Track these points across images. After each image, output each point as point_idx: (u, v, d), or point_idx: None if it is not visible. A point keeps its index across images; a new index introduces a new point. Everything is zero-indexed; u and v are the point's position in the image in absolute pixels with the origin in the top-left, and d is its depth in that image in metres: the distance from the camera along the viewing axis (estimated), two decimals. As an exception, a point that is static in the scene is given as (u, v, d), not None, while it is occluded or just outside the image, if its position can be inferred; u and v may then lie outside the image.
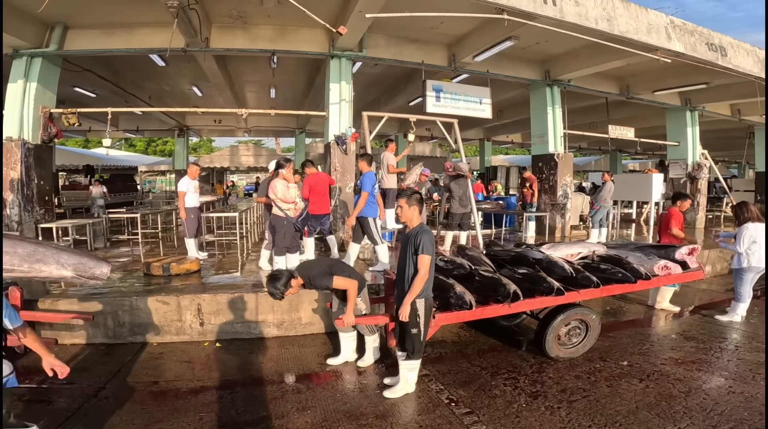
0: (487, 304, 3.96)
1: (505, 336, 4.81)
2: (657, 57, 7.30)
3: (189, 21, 6.21)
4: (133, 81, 11.08)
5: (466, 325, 5.14)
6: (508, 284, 3.87)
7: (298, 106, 13.80)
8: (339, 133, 7.82)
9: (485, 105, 9.50)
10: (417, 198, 3.45)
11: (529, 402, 3.42)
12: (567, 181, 9.59)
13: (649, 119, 14.20)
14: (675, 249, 4.74)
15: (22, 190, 6.68)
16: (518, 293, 3.83)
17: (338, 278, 3.72)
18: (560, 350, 4.20)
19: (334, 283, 3.70)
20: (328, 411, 3.28)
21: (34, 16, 6.70)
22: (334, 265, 3.94)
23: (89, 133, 15.06)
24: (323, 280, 3.71)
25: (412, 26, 7.90)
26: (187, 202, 6.75)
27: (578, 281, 4.12)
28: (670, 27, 7.33)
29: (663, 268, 4.48)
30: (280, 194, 5.08)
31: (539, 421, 3.13)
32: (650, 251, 4.85)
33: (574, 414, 3.23)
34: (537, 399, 3.47)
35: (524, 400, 3.46)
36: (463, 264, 4.35)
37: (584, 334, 4.30)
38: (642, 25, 6.99)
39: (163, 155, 30.87)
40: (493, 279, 4.08)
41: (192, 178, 6.93)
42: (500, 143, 22.39)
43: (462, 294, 3.79)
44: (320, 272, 3.74)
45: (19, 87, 6.93)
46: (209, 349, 4.56)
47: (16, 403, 3.24)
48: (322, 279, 3.71)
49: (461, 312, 3.80)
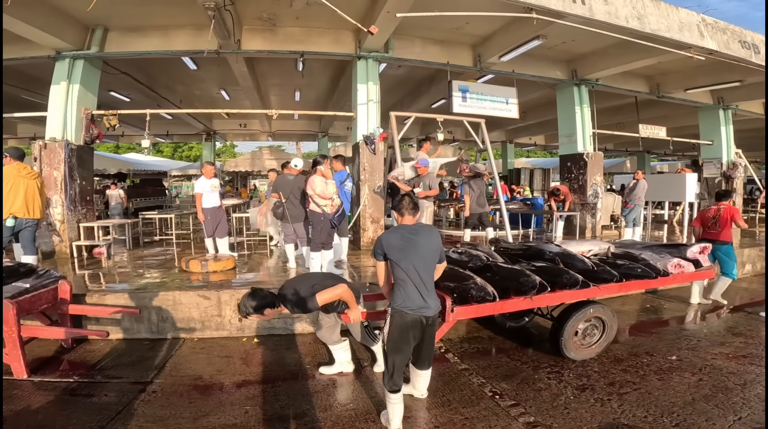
0: (507, 298, 3.69)
1: (517, 337, 4.68)
2: (691, 54, 7.23)
3: (223, 22, 6.36)
4: (166, 84, 11.38)
5: (480, 326, 5.05)
6: (531, 275, 3.67)
7: (321, 109, 13.96)
8: (367, 133, 7.88)
9: (512, 105, 9.44)
10: (407, 205, 3.02)
11: (576, 394, 3.38)
12: (597, 181, 9.44)
13: (680, 119, 13.89)
14: (687, 247, 4.59)
15: (66, 189, 6.89)
16: (544, 284, 3.62)
17: (322, 294, 3.28)
18: (579, 350, 4.03)
19: (319, 302, 3.26)
20: (370, 403, 3.29)
21: (75, 18, 6.92)
22: (317, 283, 3.43)
23: (122, 137, 15.49)
24: (309, 305, 3.27)
25: (437, 27, 7.95)
26: (206, 203, 6.58)
27: (598, 275, 3.94)
28: (702, 25, 7.29)
29: (676, 267, 4.33)
30: (318, 190, 5.11)
31: (590, 413, 3.10)
32: (660, 250, 4.67)
33: (626, 405, 3.19)
34: (584, 392, 3.42)
35: (571, 392, 3.41)
36: (480, 255, 4.19)
37: (601, 332, 4.12)
38: (674, 23, 6.97)
39: (189, 160, 31.58)
40: (515, 270, 3.88)
41: (208, 178, 6.69)
42: (522, 145, 22.16)
43: (483, 285, 3.53)
44: (303, 298, 3.29)
45: (62, 89, 7.13)
46: (248, 345, 4.61)
47: (68, 399, 3.35)
48: (307, 304, 3.27)
49: (481, 305, 3.52)
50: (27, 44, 6.94)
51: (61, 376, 3.79)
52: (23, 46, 7.05)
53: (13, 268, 4.12)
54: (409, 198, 3.05)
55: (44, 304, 4.03)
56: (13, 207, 5.16)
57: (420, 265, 2.84)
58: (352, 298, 3.44)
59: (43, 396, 3.40)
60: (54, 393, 3.46)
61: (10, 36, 6.55)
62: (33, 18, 6.12)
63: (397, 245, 2.88)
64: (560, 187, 9.43)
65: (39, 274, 4.18)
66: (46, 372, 3.85)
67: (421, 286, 2.84)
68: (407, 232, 2.92)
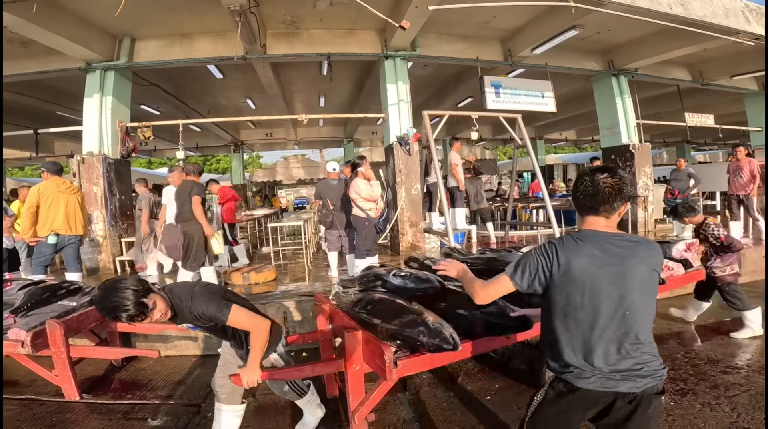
0: (471, 337, 2.67)
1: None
2: (739, 40, 6.99)
3: (249, 26, 6.28)
4: (193, 95, 11.45)
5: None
6: (506, 307, 2.72)
7: (346, 113, 13.90)
8: (400, 134, 7.66)
9: (548, 98, 9.10)
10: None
11: (677, 400, 3.09)
12: (647, 173, 9.04)
13: (723, 107, 13.39)
14: (671, 245, 3.87)
15: (106, 204, 6.86)
16: (527, 318, 2.65)
17: (238, 311, 2.36)
18: None
19: (231, 316, 2.33)
20: (437, 420, 3.04)
21: (102, 28, 6.91)
22: (234, 294, 2.64)
23: (154, 152, 15.75)
24: (211, 309, 2.30)
25: (464, 23, 7.73)
26: (170, 217, 5.33)
27: None
28: (746, 10, 7.14)
29: (665, 269, 3.61)
30: (364, 193, 4.91)
31: (700, 418, 2.81)
32: None
33: (740, 408, 2.89)
34: (686, 396, 3.14)
35: (670, 398, 3.11)
36: (430, 279, 3.00)
37: None
38: (718, 9, 6.80)
39: (217, 173, 32.09)
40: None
41: (177, 186, 5.27)
42: (552, 142, 21.59)
43: (438, 329, 2.41)
44: (209, 298, 2.35)
45: (96, 101, 7.09)
46: (296, 359, 4.43)
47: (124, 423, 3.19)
48: (209, 306, 2.30)
49: (437, 355, 2.47)
50: (58, 56, 6.96)
51: (114, 397, 3.67)
52: (54, 58, 7.08)
53: (59, 287, 4.03)
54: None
55: (92, 323, 3.92)
56: (54, 223, 5.04)
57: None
58: (261, 345, 2.42)
59: (97, 420, 3.27)
60: (108, 416, 3.32)
61: (41, 48, 6.60)
62: (63, 29, 6.12)
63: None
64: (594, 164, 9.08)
65: (85, 292, 4.09)
66: (99, 393, 3.74)
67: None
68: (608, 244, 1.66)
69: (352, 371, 2.69)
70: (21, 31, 5.78)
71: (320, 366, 2.97)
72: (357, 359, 2.68)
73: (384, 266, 3.63)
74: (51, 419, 3.26)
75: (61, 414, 3.34)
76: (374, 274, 3.33)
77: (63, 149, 15.17)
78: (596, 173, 1.66)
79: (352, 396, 2.68)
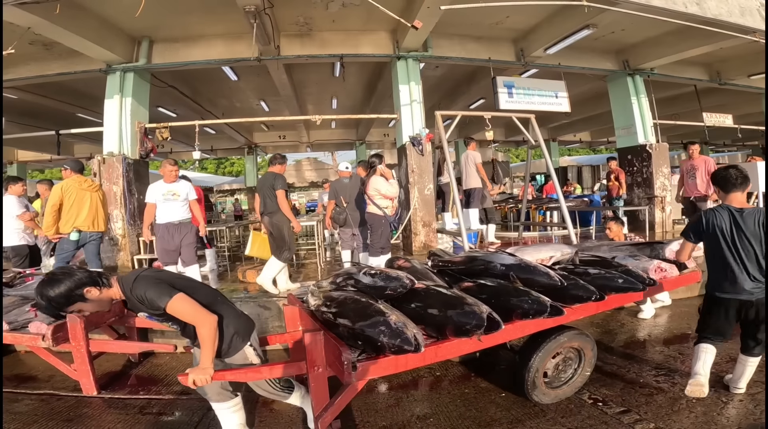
0: (443, 339, 2.60)
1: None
2: (756, 39, 6.87)
3: (263, 27, 6.37)
4: (209, 97, 11.63)
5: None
6: (477, 305, 2.55)
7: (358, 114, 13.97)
8: (413, 134, 7.68)
9: (562, 98, 9.05)
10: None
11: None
12: (665, 173, 8.97)
13: (740, 106, 13.07)
14: (664, 246, 3.76)
15: (125, 204, 7.00)
16: (494, 318, 2.51)
17: (181, 300, 2.22)
18: (546, 392, 3.06)
19: (170, 304, 2.19)
20: (453, 417, 3.01)
21: (122, 30, 7.07)
22: (189, 285, 2.47)
23: (170, 154, 16.01)
24: (150, 294, 2.20)
25: (476, 23, 7.73)
26: (159, 217, 5.02)
27: (569, 292, 2.94)
28: (762, 9, 7.07)
29: (657, 271, 3.52)
30: (383, 190, 4.92)
31: (724, 415, 2.75)
32: (633, 250, 3.94)
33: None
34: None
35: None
36: (400, 277, 2.81)
37: (577, 364, 3.18)
38: (734, 8, 6.75)
39: (231, 175, 32.49)
40: (452, 298, 2.69)
41: (167, 181, 5.06)
42: (566, 143, 21.39)
43: (399, 329, 2.32)
44: (151, 283, 2.24)
45: (116, 103, 7.25)
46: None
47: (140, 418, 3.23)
48: (148, 291, 2.20)
49: (401, 357, 2.37)
50: (79, 58, 7.14)
51: (131, 392, 3.71)
52: (75, 60, 7.27)
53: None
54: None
55: (112, 318, 3.99)
56: (77, 220, 5.15)
57: None
58: (210, 342, 2.27)
59: (114, 414, 3.31)
60: (124, 411, 3.36)
61: (63, 50, 6.77)
62: (85, 31, 6.27)
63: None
64: (612, 166, 9.18)
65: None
66: (116, 388, 3.79)
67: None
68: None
69: (314, 374, 2.53)
70: (45, 32, 5.95)
71: (279, 367, 2.67)
72: (319, 361, 2.52)
73: (357, 264, 3.58)
74: (68, 413, 3.31)
75: (78, 409, 3.39)
76: (346, 273, 3.25)
77: (82, 151, 15.52)
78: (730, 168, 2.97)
79: (315, 401, 2.55)
